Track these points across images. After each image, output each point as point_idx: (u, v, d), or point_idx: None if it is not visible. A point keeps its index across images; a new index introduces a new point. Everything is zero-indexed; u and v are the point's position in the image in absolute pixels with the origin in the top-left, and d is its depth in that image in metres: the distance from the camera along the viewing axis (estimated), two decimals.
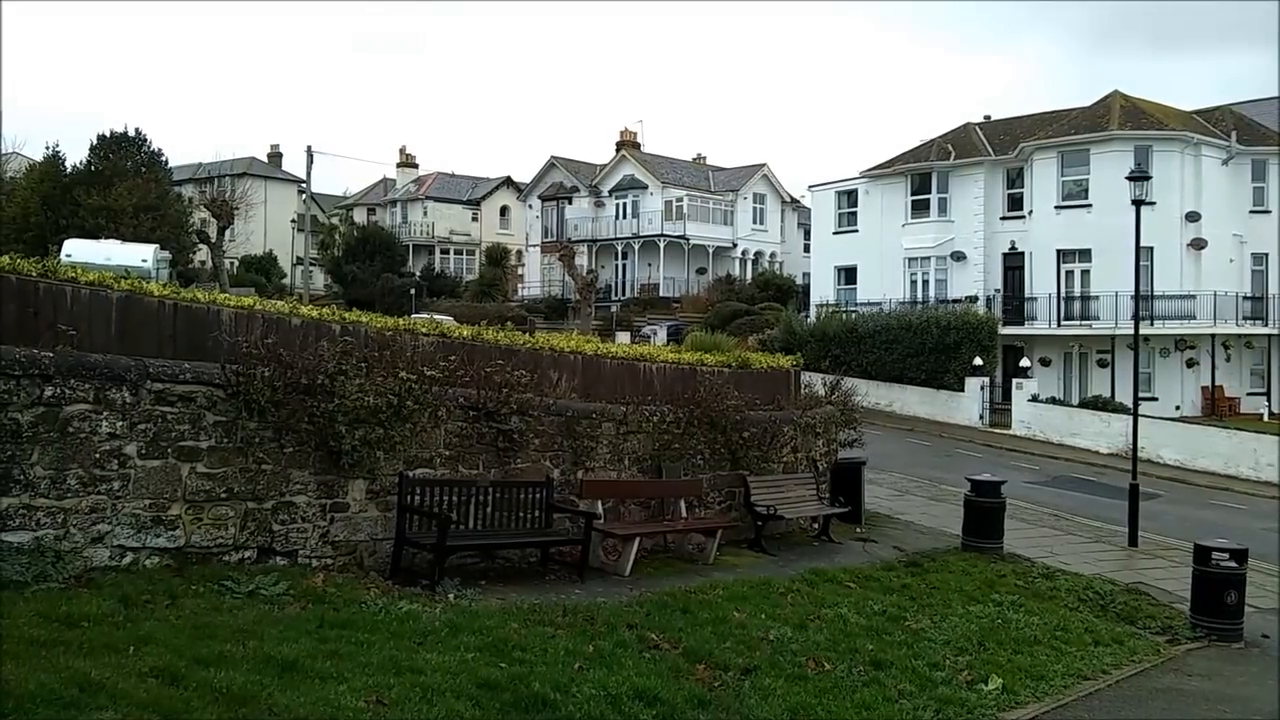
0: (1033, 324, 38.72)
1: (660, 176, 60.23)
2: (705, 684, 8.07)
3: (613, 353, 15.08)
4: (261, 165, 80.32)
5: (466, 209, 77.75)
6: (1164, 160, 36.37)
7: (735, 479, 15.13)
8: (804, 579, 12.66)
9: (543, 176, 66.15)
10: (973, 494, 16.39)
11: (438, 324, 13.66)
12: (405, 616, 8.56)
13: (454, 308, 51.19)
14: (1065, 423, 33.11)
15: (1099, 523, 20.52)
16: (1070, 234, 38.01)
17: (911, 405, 36.95)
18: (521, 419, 11.97)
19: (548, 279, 63.19)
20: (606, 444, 13.30)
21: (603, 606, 10.01)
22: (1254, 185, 39.20)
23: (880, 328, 38.63)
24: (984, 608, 12.39)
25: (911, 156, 44.32)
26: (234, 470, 9.49)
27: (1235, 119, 40.85)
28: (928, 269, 43.21)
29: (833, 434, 17.98)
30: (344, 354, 10.31)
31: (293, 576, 9.28)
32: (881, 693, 8.56)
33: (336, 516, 10.28)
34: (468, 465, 11.57)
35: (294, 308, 11.43)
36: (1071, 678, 10.20)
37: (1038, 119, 43.26)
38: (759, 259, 62.79)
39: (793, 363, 18.48)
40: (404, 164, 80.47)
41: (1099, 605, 13.65)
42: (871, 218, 45.11)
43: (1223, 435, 30.22)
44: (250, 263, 69.35)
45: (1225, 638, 12.78)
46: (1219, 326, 37.10)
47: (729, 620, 10.11)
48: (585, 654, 8.23)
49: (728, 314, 48.33)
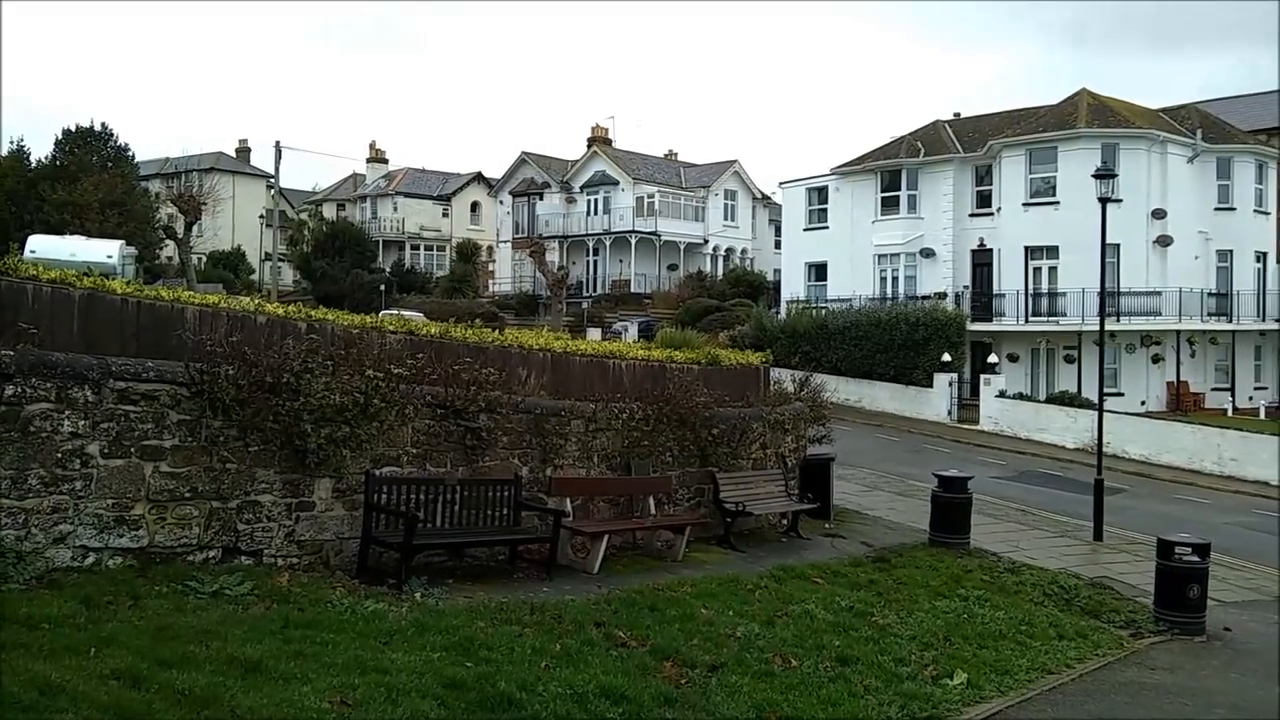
0: (1001, 320, 39.00)
1: (632, 173, 60.20)
2: (672, 681, 8.08)
3: (582, 350, 15.07)
4: (229, 160, 79.70)
5: (437, 204, 77.46)
6: (1130, 158, 36.71)
7: (704, 476, 15.17)
8: (772, 575, 12.70)
9: (514, 172, 65.98)
10: (940, 490, 16.50)
11: (406, 321, 13.61)
12: (371, 616, 8.54)
13: (424, 304, 51.00)
14: (1032, 418, 33.37)
15: (1065, 517, 20.69)
16: (1038, 231, 38.28)
17: (881, 401, 37.15)
18: (490, 417, 11.94)
19: (519, 275, 63.04)
20: (575, 441, 13.29)
21: (570, 604, 10.01)
22: (1219, 183, 39.61)
23: (850, 324, 38.82)
24: (950, 603, 12.47)
25: (881, 154, 44.51)
26: (198, 469, 9.42)
27: (1201, 117, 41.27)
28: (897, 265, 43.43)
29: (802, 430, 18.06)
30: (310, 352, 10.24)
31: (258, 576, 9.23)
32: (847, 688, 8.61)
33: (302, 515, 10.23)
34: (435, 463, 11.53)
35: (259, 305, 11.34)
36: (1036, 672, 10.27)
37: (1006, 117, 43.55)
38: (730, 255, 62.90)
39: (762, 359, 18.53)
40: (374, 159, 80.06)
41: (1064, 600, 13.75)
42: (842, 214, 45.30)
43: (1187, 430, 30.53)
44: (218, 258, 68.84)
45: (1188, 631, 12.90)
46: (1184, 322, 37.48)
47: (697, 617, 10.13)
48: (552, 652, 8.23)
49: (699, 310, 48.41)
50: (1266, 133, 44.65)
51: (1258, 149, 40.80)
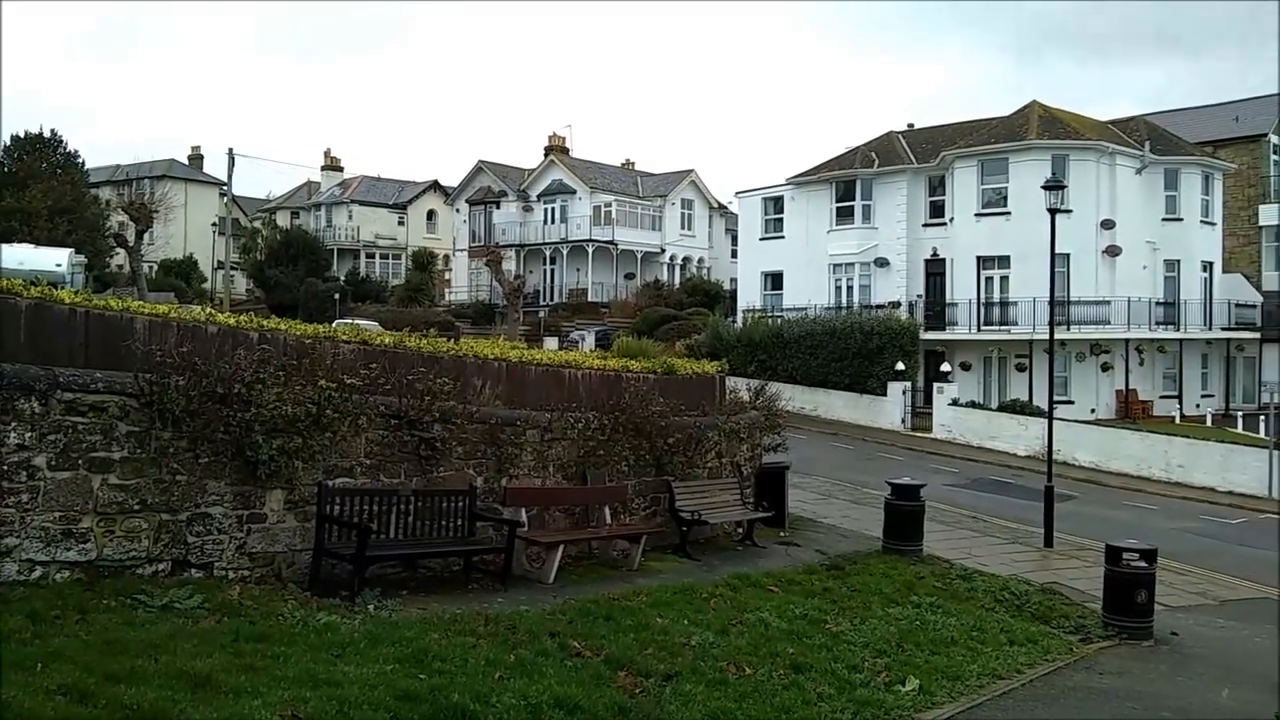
0: (953, 329, 39.43)
1: (589, 181, 60.26)
2: (627, 691, 8.09)
3: (538, 359, 15.06)
4: (182, 167, 78.70)
5: (393, 213, 77.04)
6: (1080, 169, 37.29)
7: (660, 485, 15.20)
8: (727, 584, 12.75)
9: (470, 180, 65.81)
10: (893, 497, 16.65)
11: (359, 331, 13.52)
12: (323, 628, 8.48)
13: (380, 313, 50.67)
14: (985, 426, 33.75)
15: (1016, 524, 20.95)
16: (990, 241, 38.76)
17: (836, 410, 37.42)
18: (444, 427, 11.90)
19: (475, 284, 62.85)
20: (531, 451, 13.28)
21: (525, 615, 10.00)
22: (1167, 194, 40.29)
23: (805, 333, 39.10)
24: (903, 609, 12.59)
25: (836, 164, 44.89)
26: (147, 481, 9.32)
27: (1149, 129, 41.99)
28: (852, 275, 43.77)
29: (757, 439, 18.14)
30: (261, 362, 10.17)
31: (208, 589, 9.14)
32: (801, 696, 8.66)
33: (253, 527, 10.14)
34: (389, 474, 11.48)
35: (210, 315, 11.23)
36: (987, 677, 10.39)
37: (959, 128, 44.07)
38: (687, 264, 63.10)
39: (718, 368, 18.61)
40: (329, 167, 79.47)
41: (1015, 605, 13.92)
42: (797, 224, 45.62)
43: (1136, 437, 31.02)
44: (170, 267, 67.88)
45: (1136, 636, 13.10)
46: (1133, 331, 38.07)
47: (652, 626, 10.15)
48: (506, 663, 8.22)
49: (656, 319, 48.52)
50: (1213, 145, 45.58)
51: (1204, 161, 41.59)
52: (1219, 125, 48.81)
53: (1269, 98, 49.78)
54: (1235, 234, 46.35)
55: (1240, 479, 27.52)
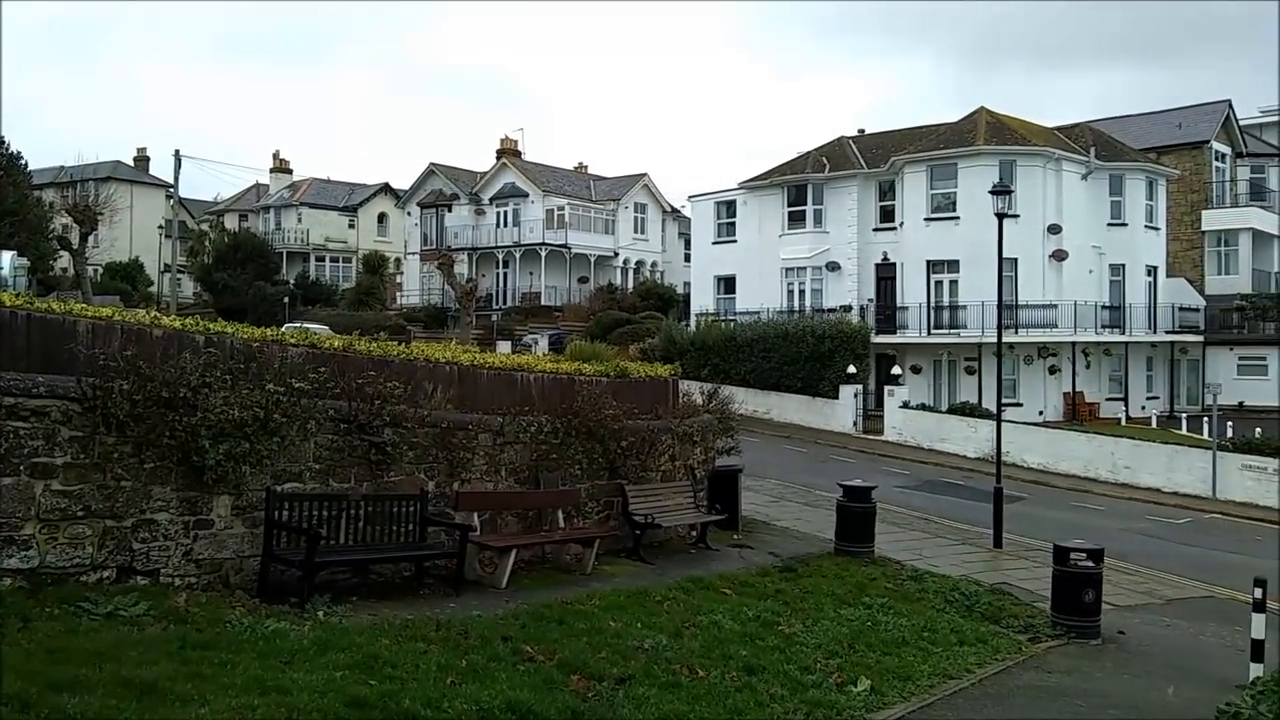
0: (904, 332, 39.76)
1: (542, 185, 60.11)
2: (580, 695, 8.07)
3: (490, 363, 14.98)
4: (127, 169, 77.45)
5: (343, 215, 76.39)
6: (1027, 175, 37.75)
7: (613, 488, 15.18)
8: (681, 587, 12.76)
9: (422, 183, 65.40)
10: (845, 499, 16.76)
11: (308, 334, 13.37)
12: (272, 635, 8.36)
13: (330, 317, 50.22)
14: (935, 428, 34.05)
15: (966, 525, 21.15)
16: (939, 245, 39.12)
17: (788, 413, 37.59)
18: (395, 431, 11.81)
19: (427, 287, 62.45)
20: (483, 455, 13.21)
21: (477, 620, 9.94)
22: (1112, 199, 40.93)
23: (758, 336, 39.25)
24: (855, 611, 12.67)
25: (788, 168, 45.13)
26: (91, 487, 9.14)
27: (1094, 135, 42.63)
28: (804, 279, 44.01)
29: (710, 442, 18.18)
30: (208, 366, 10.03)
31: (154, 596, 8.99)
32: (754, 697, 8.69)
33: (200, 534, 9.99)
34: (339, 479, 11.36)
35: (155, 318, 11.05)
36: (938, 677, 10.48)
37: (908, 133, 44.48)
38: (640, 268, 63.15)
39: (671, 371, 18.62)
40: (278, 169, 78.61)
41: (965, 606, 14.05)
42: (750, 228, 45.81)
43: (1083, 439, 31.43)
44: (115, 270, 66.84)
45: (1084, 635, 13.26)
46: (1079, 334, 38.61)
47: (605, 630, 10.14)
48: (458, 669, 8.16)
49: (609, 323, 48.50)
50: (1157, 151, 46.38)
51: (1149, 167, 42.29)
52: (1163, 132, 49.70)
53: (1212, 105, 50.81)
54: (1179, 239, 47.21)
55: (1185, 480, 28.00)
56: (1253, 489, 26.73)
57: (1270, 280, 47.99)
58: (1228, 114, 50.01)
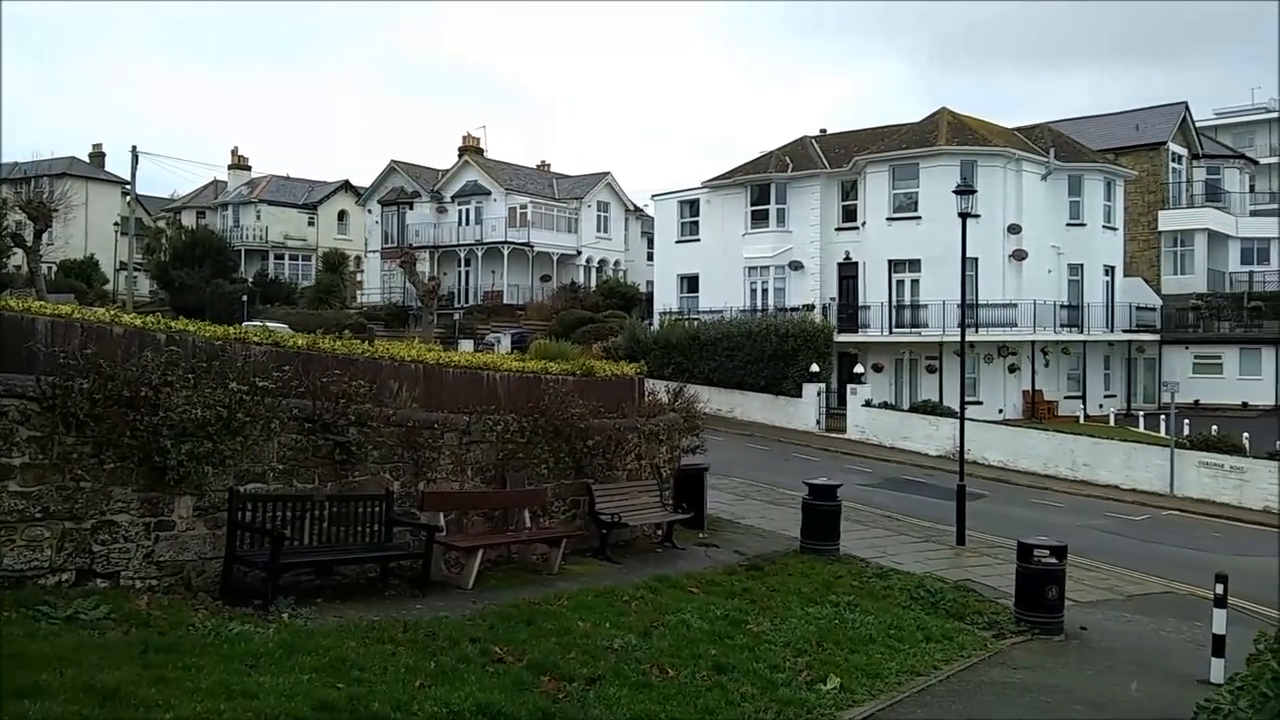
0: (866, 331, 39.94)
1: (504, 183, 59.86)
2: (550, 696, 8.00)
3: (455, 361, 14.87)
4: (83, 165, 76.29)
5: (303, 213, 75.65)
6: (988, 175, 38.03)
7: (580, 487, 15.12)
8: (648, 586, 12.73)
9: (383, 181, 64.90)
10: (810, 497, 16.79)
11: (271, 332, 13.20)
12: (236, 638, 8.23)
13: (289, 315, 49.74)
14: (897, 426, 34.26)
15: (929, 522, 21.28)
16: (901, 245, 39.33)
17: (752, 411, 37.67)
18: (360, 430, 11.68)
19: (388, 286, 62.00)
20: (449, 454, 13.10)
21: (445, 621, 9.84)
22: (1070, 199, 41.36)
23: (722, 335, 39.30)
24: (822, 609, 12.68)
25: (751, 168, 45.20)
26: (50, 488, 8.96)
27: (1054, 136, 43.05)
28: (767, 278, 44.11)
29: (676, 441, 18.15)
30: (170, 364, 9.86)
31: (115, 599, 8.82)
32: (724, 696, 8.66)
33: (162, 535, 9.82)
34: (303, 479, 11.21)
35: (116, 316, 10.85)
36: (905, 674, 10.51)
37: (871, 133, 44.69)
38: (603, 267, 63.06)
39: (637, 370, 18.58)
40: (236, 166, 77.79)
41: (930, 603, 14.11)
42: (713, 227, 45.85)
43: (1043, 437, 31.74)
44: (70, 268, 65.83)
45: (1047, 631, 13.37)
46: (1038, 333, 38.96)
47: (574, 630, 10.08)
48: (427, 671, 8.07)
49: (572, 321, 48.37)
50: (1115, 152, 46.94)
51: (1107, 168, 42.78)
52: (1121, 133, 50.34)
53: (1168, 107, 51.53)
54: (1136, 239, 47.85)
55: (1143, 476, 28.34)
56: (1209, 486, 27.13)
57: (1225, 280, 48.80)
58: (1184, 116, 50.76)
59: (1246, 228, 50.96)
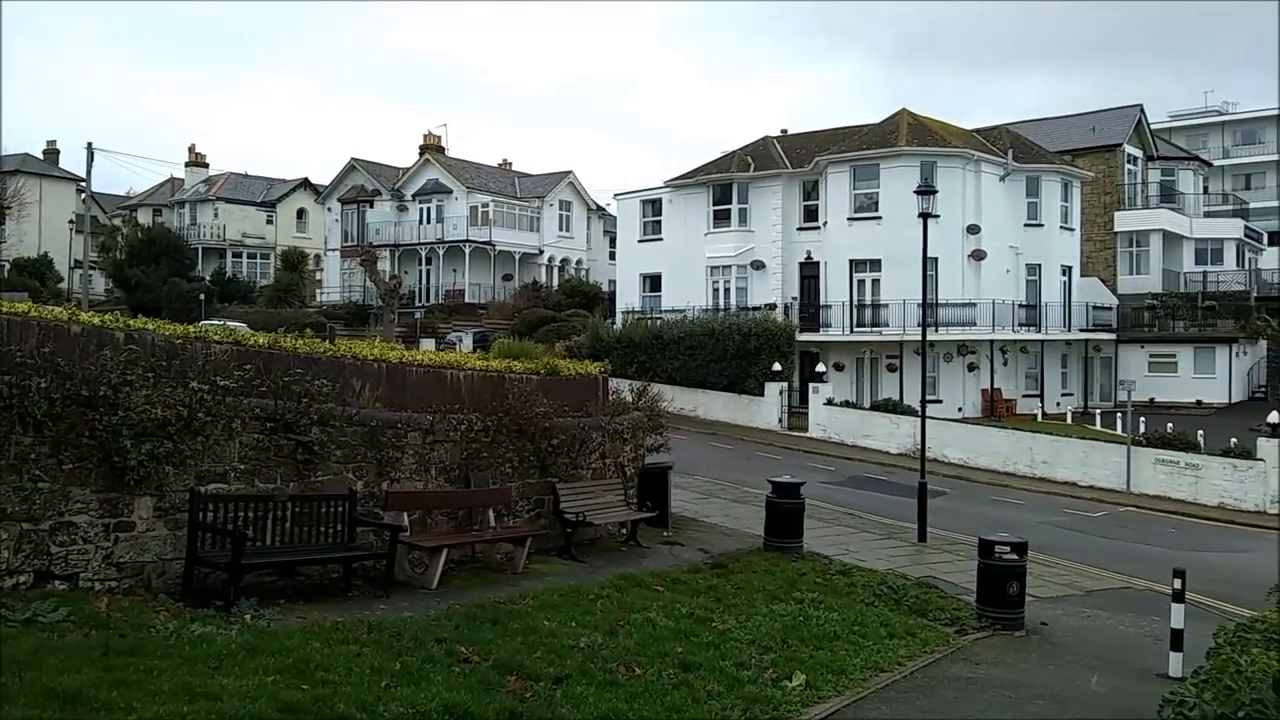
0: (828, 330, 40.18)
1: (465, 181, 59.61)
2: (517, 695, 7.98)
3: (419, 360, 14.78)
4: (36, 162, 75.04)
5: (261, 211, 74.96)
6: (947, 176, 38.33)
7: (544, 486, 15.08)
8: (613, 585, 12.72)
9: (343, 179, 64.43)
10: (774, 495, 16.83)
11: (231, 331, 13.06)
12: (198, 640, 8.14)
13: (248, 314, 49.27)
14: (859, 425, 34.45)
15: (891, 520, 21.40)
16: (862, 245, 39.59)
17: (715, 410, 37.75)
18: (322, 430, 11.58)
19: (348, 284, 61.58)
20: (412, 454, 13.02)
21: (410, 621, 9.79)
22: (1028, 200, 41.81)
23: (684, 334, 39.36)
24: (786, 606, 12.72)
25: (714, 167, 45.30)
26: (7, 489, 8.82)
27: (1012, 138, 43.50)
28: (729, 277, 44.24)
29: (640, 439, 18.15)
30: (129, 363, 9.73)
31: (74, 601, 8.70)
32: (691, 694, 8.68)
33: (121, 536, 9.68)
34: (265, 479, 11.10)
35: (73, 314, 10.69)
36: (869, 670, 10.58)
37: (832, 134, 44.93)
38: (565, 266, 62.97)
39: (601, 369, 18.54)
40: (193, 163, 76.89)
41: (893, 599, 14.19)
42: (675, 227, 45.93)
43: (1002, 435, 32.01)
44: (23, 266, 64.75)
45: (1008, 626, 13.49)
46: (997, 332, 39.36)
47: (540, 630, 10.06)
48: (392, 671, 8.02)
49: (535, 320, 48.26)
50: (1072, 154, 47.54)
51: (1064, 169, 43.29)
52: (1077, 135, 51.00)
53: (1124, 109, 52.27)
54: (1092, 239, 48.46)
55: (1100, 474, 28.67)
56: (1165, 482, 27.48)
57: (1180, 280, 49.55)
58: (1139, 118, 51.50)
59: (1200, 228, 51.80)
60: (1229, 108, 78.79)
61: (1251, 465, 26.29)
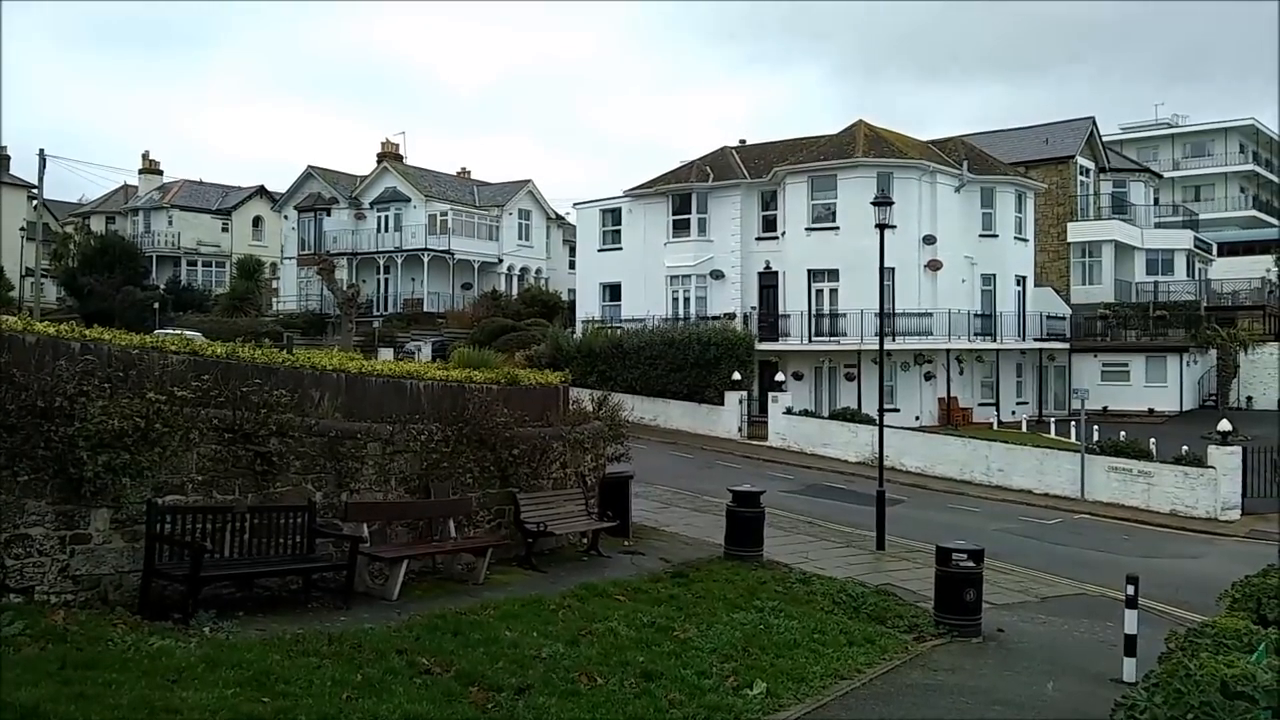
0: (786, 340, 40.37)
1: (424, 190, 59.38)
2: (479, 706, 7.97)
3: (378, 370, 14.72)
4: None
5: (216, 219, 74.26)
6: (904, 186, 38.71)
7: (505, 496, 15.05)
8: (575, 594, 12.73)
9: (299, 187, 63.95)
10: (734, 504, 16.91)
11: (188, 341, 12.94)
12: (157, 653, 8.07)
13: (203, 323, 48.80)
14: (817, 434, 34.64)
15: (849, 528, 21.54)
16: (820, 254, 39.85)
17: (675, 419, 37.84)
18: (281, 440, 11.50)
19: (305, 293, 61.10)
20: (372, 464, 12.96)
21: (370, 633, 9.75)
22: (983, 211, 42.29)
23: (644, 344, 39.43)
24: (747, 614, 12.77)
25: (673, 177, 45.49)
26: None
27: (966, 149, 44.02)
28: (689, 287, 44.40)
29: (601, 449, 18.17)
30: (85, 374, 9.64)
31: (29, 615, 8.59)
32: (653, 703, 8.70)
33: (78, 549, 9.58)
34: (223, 490, 11.02)
35: (28, 324, 10.57)
36: (830, 678, 10.63)
37: (790, 144, 45.22)
38: (525, 275, 62.88)
39: (562, 379, 18.56)
40: (147, 170, 75.99)
41: (852, 607, 14.27)
42: (635, 236, 46.04)
43: (958, 443, 32.31)
44: None
45: (966, 633, 13.60)
46: (953, 342, 39.76)
47: (501, 640, 10.05)
48: (353, 683, 7.99)
49: (494, 330, 48.13)
50: (1026, 165, 48.22)
51: (1018, 180, 43.83)
52: (1031, 147, 51.72)
53: (1076, 121, 53.06)
54: (1046, 250, 49.11)
55: (1055, 481, 29.02)
56: (1118, 490, 27.86)
57: (1132, 290, 50.33)
58: (1091, 131, 52.31)
59: (1151, 239, 52.65)
60: (1179, 120, 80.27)
61: (1203, 472, 26.70)
